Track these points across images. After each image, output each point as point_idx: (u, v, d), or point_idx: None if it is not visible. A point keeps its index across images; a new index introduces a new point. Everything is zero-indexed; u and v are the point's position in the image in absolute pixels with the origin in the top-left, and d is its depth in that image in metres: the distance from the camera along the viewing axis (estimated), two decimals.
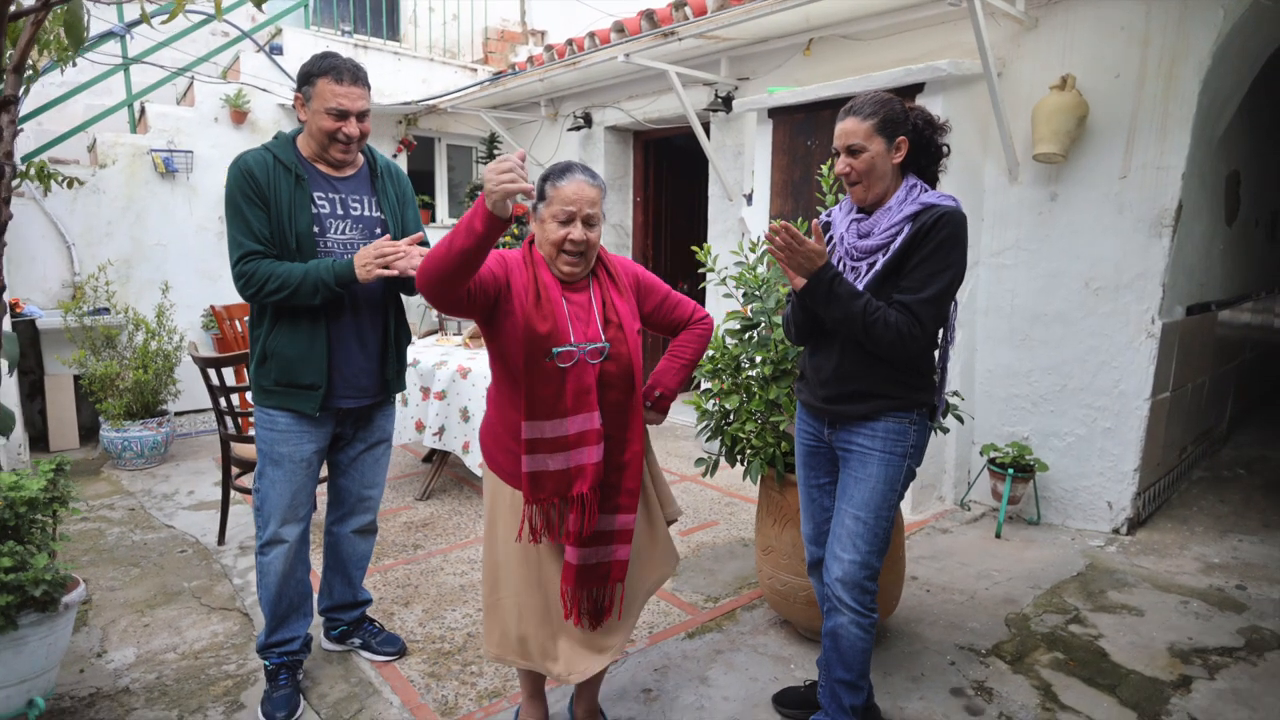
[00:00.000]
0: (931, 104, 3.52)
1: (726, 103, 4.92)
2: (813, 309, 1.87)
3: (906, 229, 1.81)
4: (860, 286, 1.83)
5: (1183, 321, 3.61)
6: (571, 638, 1.84)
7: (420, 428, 3.90)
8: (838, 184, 2.63)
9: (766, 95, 4.19)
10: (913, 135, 1.86)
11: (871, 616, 1.93)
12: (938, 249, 1.77)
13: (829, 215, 2.08)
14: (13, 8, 2.10)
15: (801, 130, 4.09)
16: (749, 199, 4.66)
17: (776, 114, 4.22)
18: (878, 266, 1.83)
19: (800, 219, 2.71)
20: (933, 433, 2.08)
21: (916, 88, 3.57)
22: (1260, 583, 3.02)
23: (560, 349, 1.70)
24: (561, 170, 1.76)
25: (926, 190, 1.88)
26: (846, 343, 1.89)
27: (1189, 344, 3.75)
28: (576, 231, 1.73)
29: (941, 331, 1.96)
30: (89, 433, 4.97)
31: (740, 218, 4.88)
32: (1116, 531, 3.50)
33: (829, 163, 2.66)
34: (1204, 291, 3.90)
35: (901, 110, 1.86)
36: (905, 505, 3.68)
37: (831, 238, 1.98)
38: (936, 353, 1.98)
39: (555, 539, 1.77)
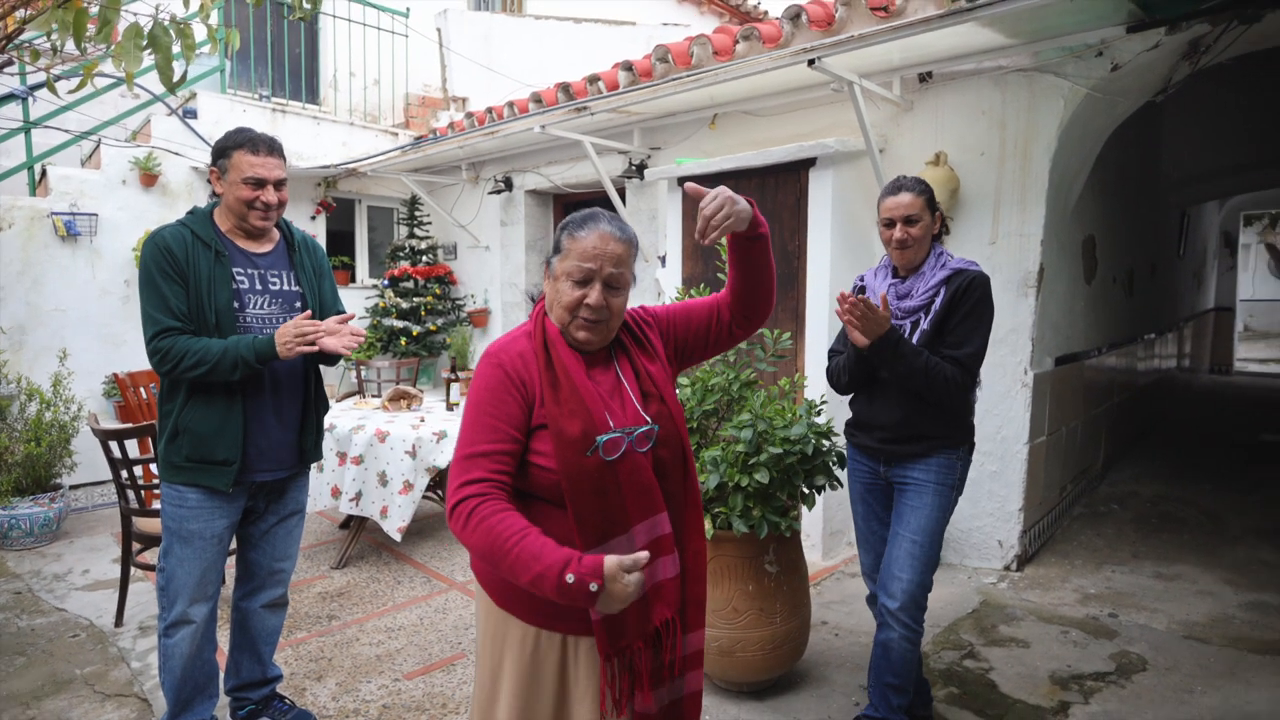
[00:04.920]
0: (823, 177, 3.84)
1: (640, 170, 5.18)
2: (877, 364, 2.16)
3: (943, 291, 2.16)
4: None
5: (1053, 371, 3.98)
6: None
7: (336, 494, 3.84)
8: None
9: (675, 166, 4.45)
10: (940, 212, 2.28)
11: (920, 630, 2.22)
12: (974, 309, 2.14)
13: (862, 280, 2.40)
14: None
15: None
16: (663, 261, 4.88)
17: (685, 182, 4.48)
18: (924, 325, 2.17)
19: (703, 286, 2.90)
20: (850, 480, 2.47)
21: (809, 162, 3.89)
22: (1129, 610, 3.31)
23: (604, 438, 1.34)
24: (583, 219, 1.43)
25: (951, 256, 2.24)
26: (902, 393, 2.20)
27: (1060, 392, 4.12)
28: (594, 295, 1.39)
29: None
30: None
31: (656, 278, 5.09)
32: (1007, 568, 3.76)
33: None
34: (1070, 344, 4.31)
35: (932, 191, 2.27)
36: (816, 552, 3.86)
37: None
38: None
39: (628, 701, 1.39)
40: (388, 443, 3.75)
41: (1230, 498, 4.89)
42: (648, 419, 1.42)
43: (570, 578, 1.19)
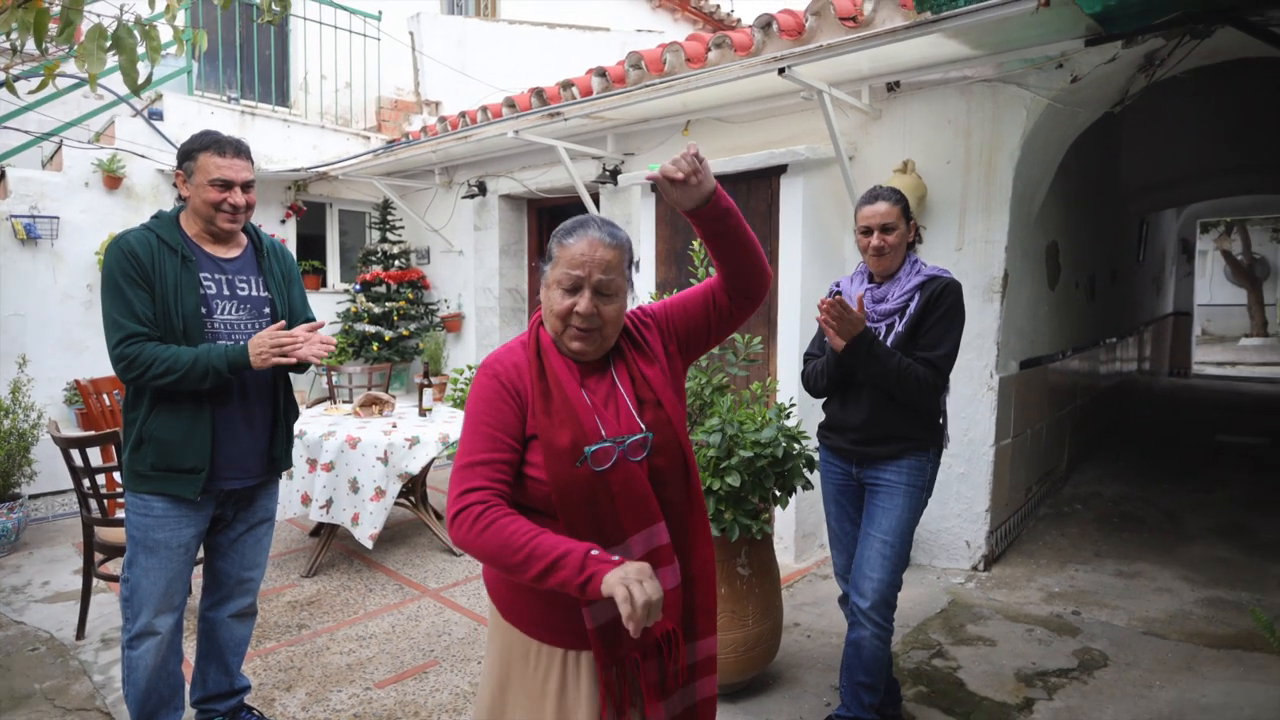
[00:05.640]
0: (794, 184, 3.89)
1: (614, 175, 5.20)
2: (852, 366, 2.21)
3: (918, 296, 2.23)
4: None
5: (1018, 375, 4.07)
6: None
7: (307, 501, 3.79)
8: (707, 259, 2.88)
9: (649, 171, 4.47)
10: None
11: (890, 629, 2.27)
12: (946, 313, 2.22)
13: (838, 286, 2.47)
14: None
15: None
16: (637, 266, 4.91)
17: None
18: (898, 328, 2.24)
19: (675, 290, 2.92)
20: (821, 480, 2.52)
21: (780, 169, 3.94)
22: (1092, 607, 3.39)
23: (593, 448, 1.33)
24: (573, 226, 1.43)
25: (925, 264, 2.31)
26: (875, 395, 2.26)
27: (1025, 395, 4.21)
28: (583, 303, 1.37)
29: None
30: None
31: None
32: (975, 568, 3.83)
33: (699, 241, 2.91)
34: (1034, 348, 4.41)
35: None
36: (788, 554, 3.89)
37: None
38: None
39: (630, 706, 1.39)
40: (359, 449, 3.72)
41: (1188, 497, 5.03)
42: (642, 427, 1.40)
43: (595, 551, 1.20)
